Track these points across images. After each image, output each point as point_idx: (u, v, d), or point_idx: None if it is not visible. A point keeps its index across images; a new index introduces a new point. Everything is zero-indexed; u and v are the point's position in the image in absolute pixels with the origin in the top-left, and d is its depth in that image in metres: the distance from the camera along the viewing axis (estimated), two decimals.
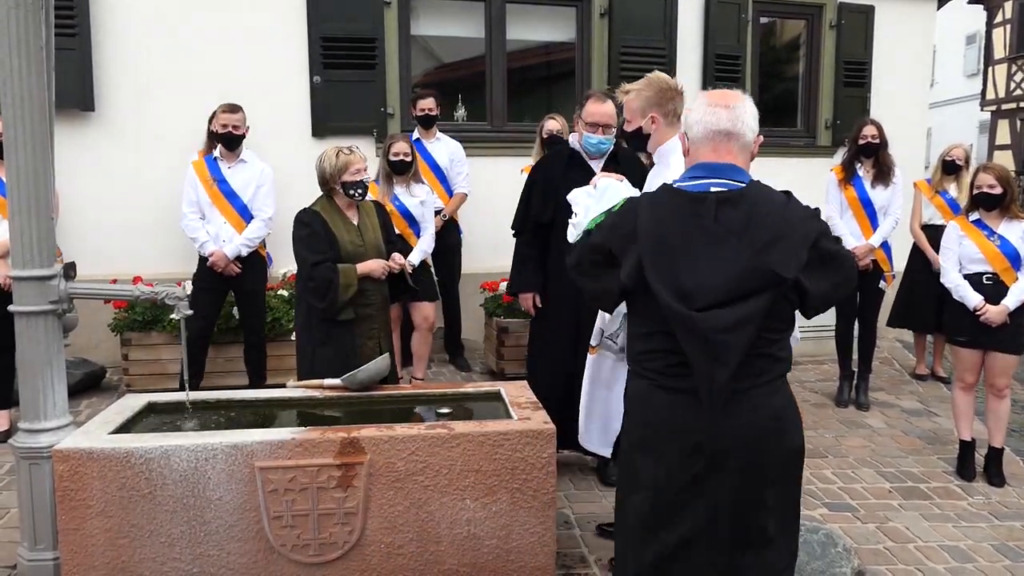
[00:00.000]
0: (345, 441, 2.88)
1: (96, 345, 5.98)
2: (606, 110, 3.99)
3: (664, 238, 2.10)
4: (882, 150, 5.59)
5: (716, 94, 2.25)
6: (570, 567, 3.43)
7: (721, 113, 2.18)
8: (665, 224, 2.12)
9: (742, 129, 2.19)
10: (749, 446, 2.12)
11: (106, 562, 2.84)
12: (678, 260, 2.07)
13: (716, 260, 2.06)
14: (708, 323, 2.02)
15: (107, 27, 6.00)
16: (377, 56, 6.41)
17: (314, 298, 3.78)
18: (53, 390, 3.16)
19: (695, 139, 2.23)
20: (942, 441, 5.11)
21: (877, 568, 3.53)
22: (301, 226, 3.85)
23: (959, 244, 4.49)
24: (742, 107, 2.21)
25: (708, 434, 2.11)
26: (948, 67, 25.02)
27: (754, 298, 2.05)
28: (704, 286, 2.04)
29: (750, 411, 2.12)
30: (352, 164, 3.87)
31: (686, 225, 2.10)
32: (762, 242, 2.06)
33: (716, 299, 2.04)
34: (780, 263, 2.05)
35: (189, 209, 5.16)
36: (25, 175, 3.02)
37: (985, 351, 4.42)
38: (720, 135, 2.18)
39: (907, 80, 7.71)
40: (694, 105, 2.27)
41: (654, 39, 6.92)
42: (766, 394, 2.15)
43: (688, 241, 2.09)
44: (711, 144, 2.19)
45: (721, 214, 2.09)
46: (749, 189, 2.15)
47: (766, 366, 2.14)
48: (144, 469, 2.81)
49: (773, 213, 2.10)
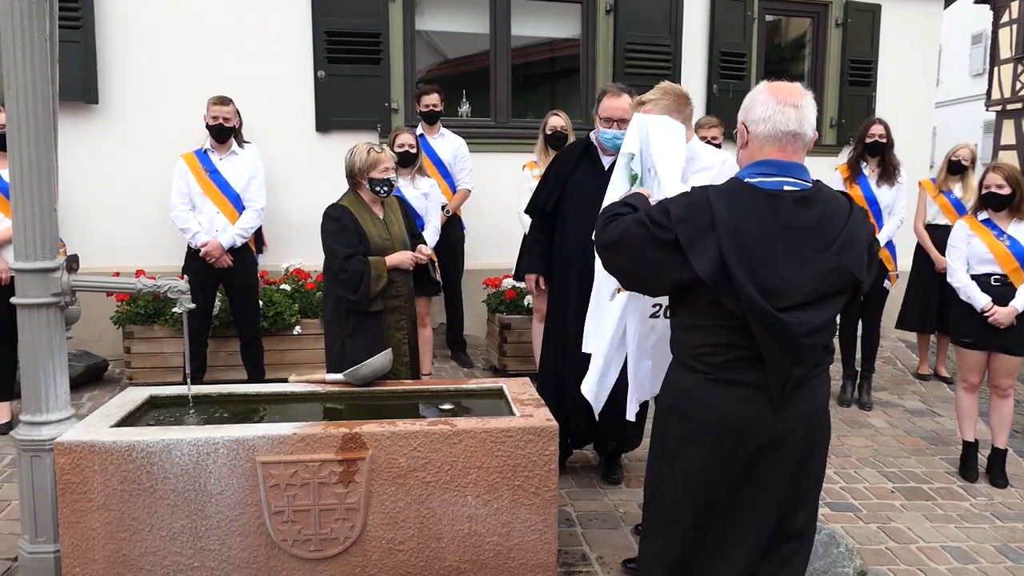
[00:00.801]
0: (347, 436, 2.87)
1: (98, 338, 5.98)
2: (621, 104, 3.96)
3: (744, 234, 2.08)
4: (888, 149, 5.57)
5: (783, 90, 2.22)
6: (571, 565, 3.42)
7: (790, 113, 2.18)
8: (744, 219, 2.10)
9: (807, 129, 2.20)
10: (802, 435, 2.17)
11: (107, 555, 2.84)
12: (758, 257, 2.07)
13: (796, 260, 2.07)
14: (796, 325, 2.05)
15: (111, 20, 5.99)
16: (381, 51, 6.39)
17: (346, 291, 3.85)
18: (55, 383, 3.16)
19: (761, 136, 2.20)
20: (945, 441, 5.10)
21: (879, 568, 3.52)
22: (331, 221, 3.92)
23: (968, 244, 4.46)
24: (809, 106, 2.21)
25: (768, 426, 2.14)
26: (953, 67, 24.96)
27: (834, 299, 2.12)
28: (787, 286, 2.06)
29: (806, 401, 2.17)
30: (381, 162, 3.95)
31: (764, 222, 2.10)
32: (838, 244, 2.10)
33: (799, 299, 2.06)
34: (856, 265, 2.11)
35: (179, 200, 5.15)
36: (28, 168, 3.02)
37: (990, 352, 4.40)
38: (788, 135, 2.18)
39: (913, 79, 7.69)
40: (757, 98, 2.23)
41: (659, 36, 6.90)
42: (818, 384, 2.22)
43: (768, 239, 2.09)
44: (779, 144, 2.18)
45: (798, 214, 2.11)
46: (819, 190, 2.18)
47: (823, 358, 2.21)
48: (145, 463, 2.80)
49: (842, 215, 2.14)
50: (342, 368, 3.63)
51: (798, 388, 2.14)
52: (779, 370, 2.09)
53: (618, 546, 3.59)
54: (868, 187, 5.58)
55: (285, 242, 6.21)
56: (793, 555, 2.26)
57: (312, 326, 5.67)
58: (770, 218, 2.10)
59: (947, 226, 5.77)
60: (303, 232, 6.11)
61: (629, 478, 4.34)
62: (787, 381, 2.10)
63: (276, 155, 6.03)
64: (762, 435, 2.14)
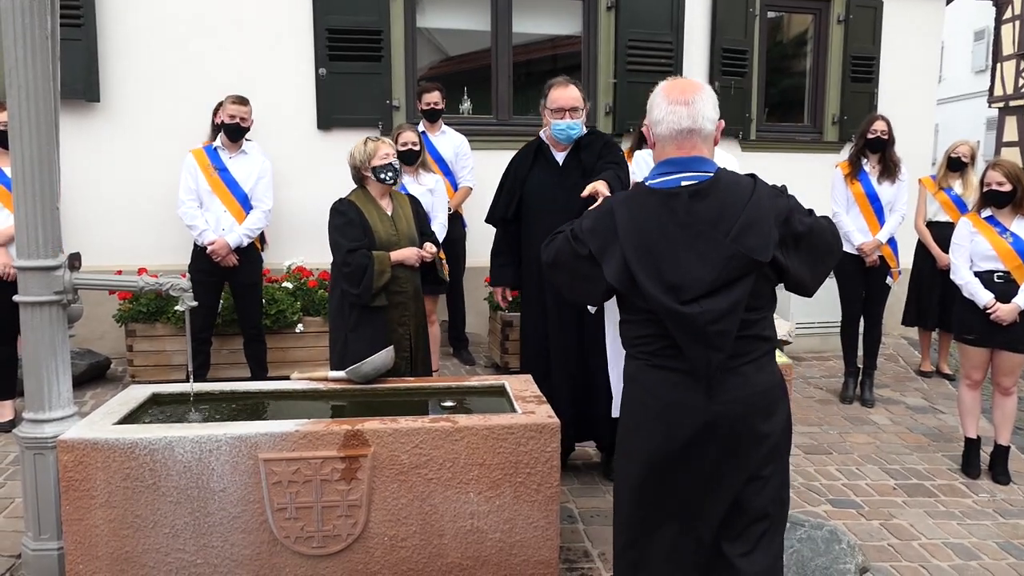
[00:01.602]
0: (349, 434, 2.88)
1: (101, 336, 5.99)
2: (570, 94, 3.92)
3: (644, 236, 2.19)
4: (890, 146, 5.57)
5: (674, 89, 2.28)
6: (573, 561, 3.42)
7: (681, 111, 2.24)
8: (643, 222, 2.20)
9: (703, 124, 2.25)
10: (737, 421, 2.21)
11: (110, 552, 2.85)
12: (660, 256, 2.17)
13: (695, 253, 2.15)
14: (698, 315, 2.13)
15: (113, 18, 5.99)
16: (383, 48, 6.39)
17: (349, 284, 3.84)
18: (58, 380, 3.16)
19: (661, 136, 2.28)
20: (947, 438, 5.09)
21: (881, 565, 3.52)
22: (337, 215, 3.92)
23: (971, 241, 4.45)
24: (701, 100, 2.25)
25: (702, 409, 2.20)
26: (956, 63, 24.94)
27: (737, 285, 2.15)
28: (688, 279, 2.14)
29: (738, 387, 2.21)
30: (380, 149, 3.96)
31: (663, 222, 2.19)
32: (736, 229, 2.15)
33: (702, 290, 2.14)
34: (755, 248, 2.14)
35: (187, 197, 5.14)
36: (30, 165, 3.02)
37: (993, 349, 4.40)
38: (684, 132, 2.24)
39: (915, 76, 7.67)
40: (654, 100, 2.30)
41: (661, 33, 6.89)
42: (755, 370, 2.23)
43: (667, 237, 2.18)
44: (676, 142, 2.25)
45: (694, 207, 2.18)
46: (717, 179, 2.22)
47: (751, 346, 2.23)
48: (148, 460, 2.81)
49: (742, 199, 2.18)
50: (345, 362, 3.64)
51: (728, 375, 2.20)
52: (697, 357, 2.17)
53: None
54: (869, 184, 5.57)
55: (287, 240, 6.21)
56: (764, 535, 2.29)
57: (314, 324, 5.68)
58: (668, 217, 2.19)
59: (948, 223, 5.77)
60: (305, 230, 6.12)
61: None
62: (708, 366, 2.16)
63: (277, 153, 6.03)
64: (696, 417, 2.20)
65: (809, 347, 6.97)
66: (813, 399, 5.83)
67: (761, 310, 2.25)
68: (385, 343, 3.71)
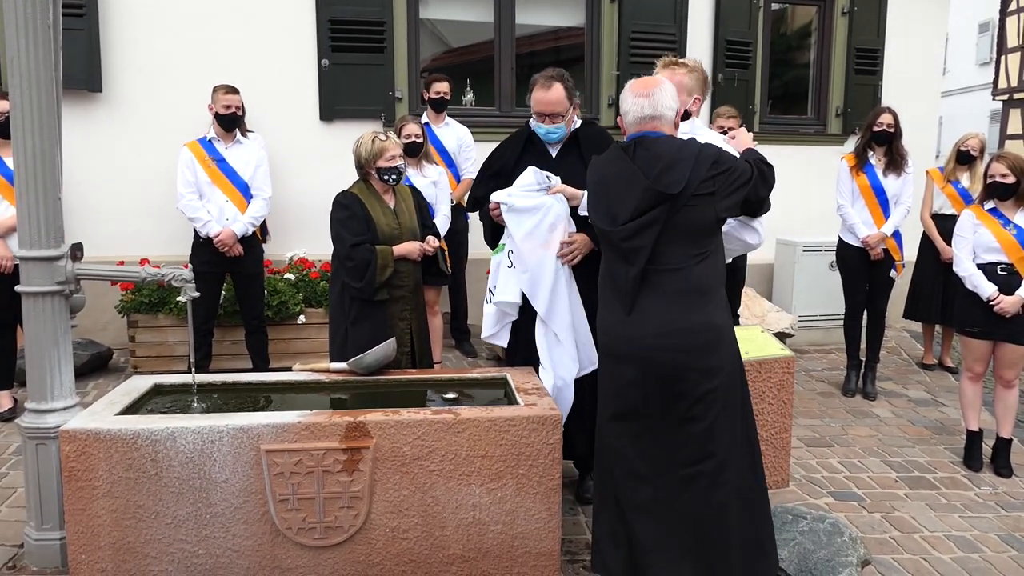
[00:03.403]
0: (351, 425, 2.88)
1: (103, 327, 6.00)
2: (550, 98, 3.57)
3: (601, 177, 2.87)
4: (896, 139, 5.54)
5: (639, 85, 2.84)
6: (575, 553, 3.43)
7: (643, 102, 2.80)
8: (603, 167, 2.88)
9: (663, 111, 2.80)
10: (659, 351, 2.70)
11: (112, 542, 2.85)
12: (607, 193, 2.81)
13: (629, 189, 2.74)
14: (614, 232, 2.74)
15: (115, 8, 5.98)
16: (385, 40, 6.37)
17: (351, 278, 3.83)
18: (60, 371, 3.17)
19: (629, 123, 2.85)
20: (949, 431, 5.09)
21: (883, 557, 3.52)
22: (340, 208, 3.90)
23: (974, 233, 4.44)
24: (660, 93, 2.81)
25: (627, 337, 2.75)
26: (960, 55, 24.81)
27: (650, 212, 2.68)
28: (621, 209, 2.74)
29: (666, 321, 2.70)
30: (387, 150, 3.92)
31: (617, 167, 2.81)
32: (657, 169, 2.70)
33: (627, 217, 2.71)
34: (669, 184, 2.67)
35: (187, 190, 5.13)
36: (32, 156, 3.02)
37: (996, 342, 4.39)
38: (647, 118, 2.81)
39: (919, 68, 7.64)
40: (624, 96, 2.85)
41: (664, 25, 6.87)
42: (673, 305, 2.71)
43: (615, 178, 2.80)
44: (638, 125, 2.82)
45: (636, 156, 2.76)
46: (660, 138, 2.78)
47: (673, 281, 2.72)
48: (150, 451, 2.81)
49: (671, 149, 2.73)
50: (344, 355, 3.63)
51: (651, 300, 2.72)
52: (618, 272, 2.77)
53: None
54: (875, 176, 5.55)
55: (289, 231, 6.21)
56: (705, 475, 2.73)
57: (316, 315, 5.68)
58: (618, 164, 2.80)
59: (954, 216, 5.73)
60: (307, 221, 6.12)
61: None
62: (626, 280, 2.73)
63: (280, 144, 6.02)
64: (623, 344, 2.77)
65: (811, 340, 6.96)
66: (815, 392, 5.83)
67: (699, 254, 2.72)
68: (386, 337, 3.71)
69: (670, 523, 2.74)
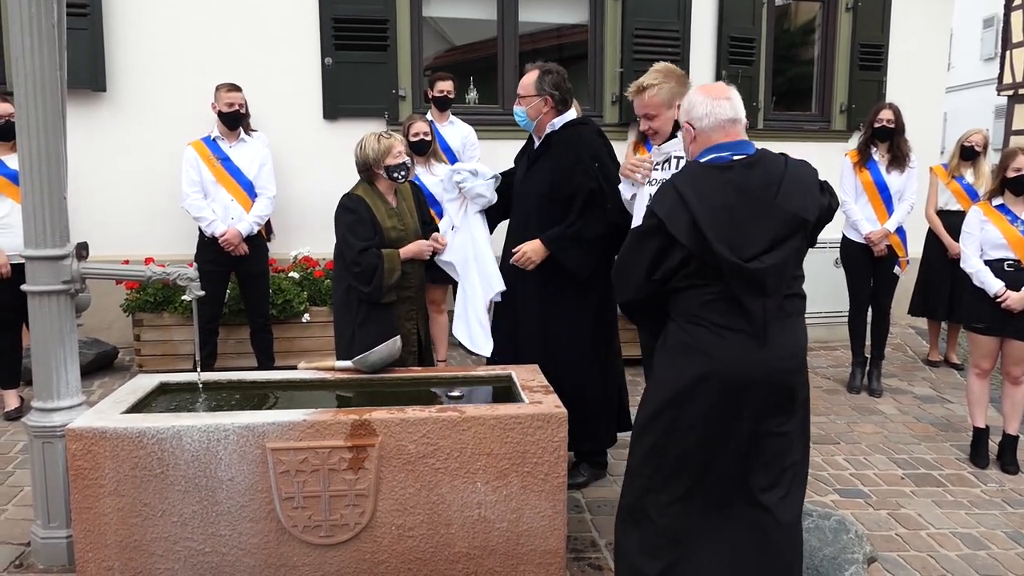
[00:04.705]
0: (356, 423, 2.88)
1: (108, 326, 6.01)
2: (522, 80, 3.87)
3: (708, 202, 2.51)
4: (898, 135, 5.53)
5: (714, 89, 2.70)
6: (580, 551, 3.43)
7: (725, 104, 2.65)
8: (706, 191, 2.53)
9: (741, 115, 2.68)
10: (785, 374, 2.59)
11: (118, 540, 2.86)
12: (722, 219, 2.49)
13: (750, 215, 2.50)
14: (758, 271, 2.47)
15: (119, 7, 5.98)
16: (389, 38, 6.37)
17: (360, 283, 3.81)
18: (66, 370, 3.18)
19: (706, 129, 2.65)
20: (955, 428, 5.08)
21: (889, 554, 3.52)
22: (347, 212, 3.87)
23: (981, 229, 4.43)
24: (736, 97, 2.69)
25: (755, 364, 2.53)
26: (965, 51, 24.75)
27: (789, 241, 2.52)
28: (748, 238, 2.48)
29: (790, 343, 2.61)
30: (393, 147, 3.90)
31: (722, 191, 2.53)
32: (780, 192, 2.52)
33: (760, 248, 2.48)
34: (803, 208, 2.53)
35: (191, 189, 5.14)
36: (38, 155, 3.02)
37: (1003, 338, 4.38)
38: (728, 122, 2.64)
39: (924, 64, 7.61)
40: (695, 100, 2.69)
41: (668, 22, 6.85)
42: (793, 327, 2.63)
43: (726, 203, 2.51)
44: (723, 130, 2.64)
45: (747, 176, 2.55)
46: (760, 154, 2.63)
47: (795, 305, 2.64)
48: (156, 449, 2.82)
49: (780, 168, 2.58)
50: (351, 356, 3.63)
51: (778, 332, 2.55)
52: (755, 309, 2.51)
53: None
54: (878, 172, 5.54)
55: (293, 230, 6.21)
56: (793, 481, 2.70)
57: (320, 314, 5.68)
58: (726, 186, 2.54)
59: (959, 212, 5.73)
60: (311, 220, 6.12)
61: None
62: (764, 315, 2.52)
63: (283, 143, 6.02)
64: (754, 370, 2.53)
65: (816, 336, 6.95)
66: (820, 389, 5.82)
67: (800, 270, 2.65)
68: (393, 337, 3.72)
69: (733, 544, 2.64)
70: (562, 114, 3.86)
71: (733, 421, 2.56)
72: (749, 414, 2.56)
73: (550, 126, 3.84)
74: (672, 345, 2.66)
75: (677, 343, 2.64)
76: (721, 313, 2.54)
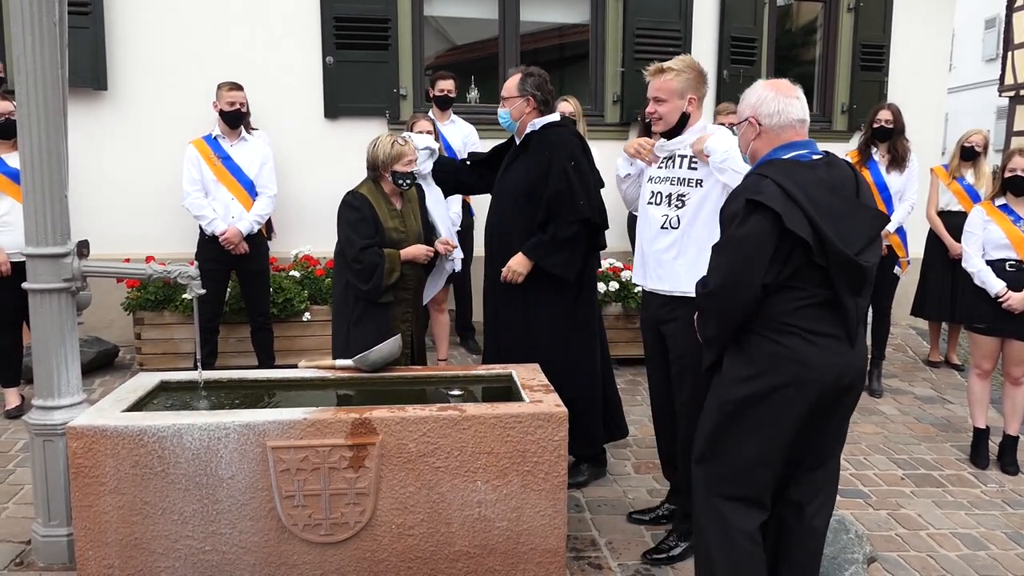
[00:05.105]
0: (357, 422, 2.88)
1: (109, 324, 6.01)
2: (506, 83, 3.92)
3: (813, 197, 2.42)
4: (897, 135, 5.52)
5: (781, 87, 2.63)
6: (581, 550, 3.43)
7: (796, 104, 2.61)
8: (807, 187, 2.44)
9: (807, 116, 2.65)
10: (864, 375, 2.64)
11: (119, 538, 2.86)
12: (826, 214, 2.41)
13: (846, 212, 2.45)
14: (867, 267, 2.45)
15: (120, 5, 5.99)
16: (390, 37, 6.37)
17: (359, 280, 3.83)
18: (67, 368, 3.18)
19: (776, 126, 2.59)
20: (955, 428, 5.08)
21: (889, 554, 3.52)
22: (351, 210, 3.89)
23: (983, 229, 4.44)
24: (803, 96, 2.66)
25: (848, 367, 2.50)
26: (966, 51, 24.73)
27: (877, 239, 2.53)
28: (852, 235, 2.43)
29: (864, 344, 2.61)
30: (405, 155, 3.91)
31: (819, 188, 2.46)
32: (863, 194, 2.55)
33: (862, 244, 2.45)
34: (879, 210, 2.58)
35: (192, 188, 5.14)
36: (39, 153, 3.03)
37: (1004, 338, 4.38)
38: (799, 122, 2.61)
39: (925, 64, 7.61)
40: (764, 96, 2.61)
41: (669, 21, 6.85)
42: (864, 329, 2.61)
43: (827, 200, 2.44)
44: (793, 129, 2.60)
45: (831, 175, 2.52)
46: (830, 156, 2.61)
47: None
48: (157, 447, 2.82)
49: (850, 169, 2.61)
50: (346, 354, 3.64)
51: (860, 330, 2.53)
52: (850, 308, 2.46)
53: (627, 532, 3.60)
54: (878, 173, 5.53)
55: (294, 228, 6.21)
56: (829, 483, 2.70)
57: (321, 312, 5.68)
58: (820, 183, 2.47)
59: (960, 212, 5.73)
60: (312, 218, 6.12)
61: (639, 464, 4.35)
62: (858, 314, 2.49)
63: (285, 142, 6.02)
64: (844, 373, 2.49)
65: None
66: None
67: None
68: (388, 337, 3.72)
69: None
70: (544, 115, 3.91)
71: (824, 425, 2.56)
72: (838, 418, 2.59)
73: (530, 126, 3.89)
74: (757, 357, 2.51)
75: (763, 354, 2.50)
76: (811, 318, 2.45)
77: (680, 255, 3.30)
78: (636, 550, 3.44)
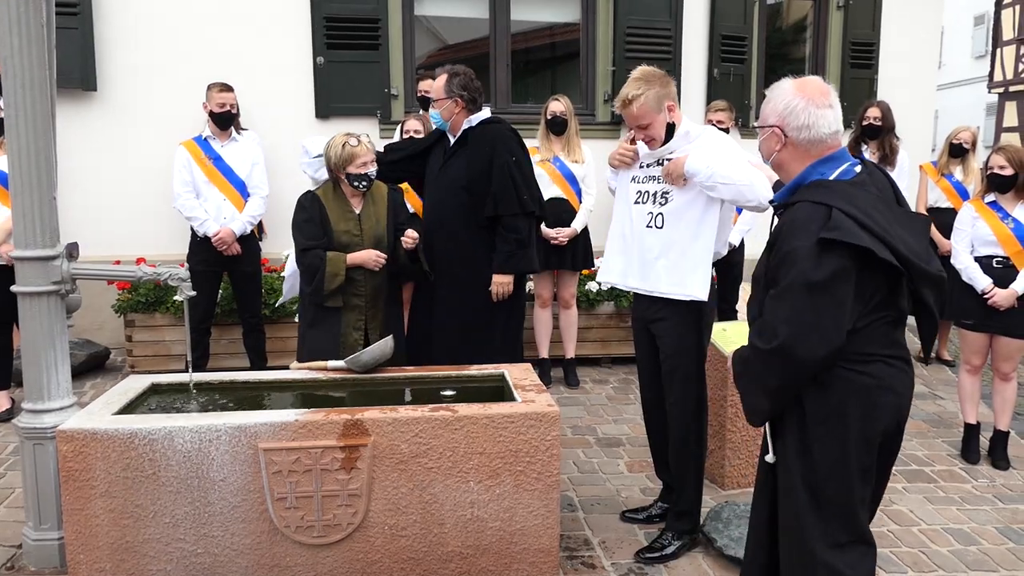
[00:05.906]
0: (349, 423, 2.88)
1: (100, 326, 5.98)
2: (434, 85, 4.10)
3: (879, 221, 2.20)
4: (885, 133, 5.54)
5: (814, 93, 2.35)
6: (574, 549, 3.43)
7: (828, 114, 2.34)
8: (869, 211, 2.21)
9: (841, 125, 2.42)
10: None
11: (110, 542, 2.85)
12: (898, 235, 2.23)
13: (901, 224, 2.27)
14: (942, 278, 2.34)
15: (109, 6, 5.96)
16: (381, 37, 6.36)
17: (303, 282, 3.85)
18: (57, 371, 3.17)
19: (806, 140, 2.34)
20: (947, 424, 5.10)
21: (881, 550, 3.51)
22: (299, 210, 3.87)
23: (972, 226, 4.46)
24: (837, 102, 2.39)
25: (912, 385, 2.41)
26: (956, 48, 24.84)
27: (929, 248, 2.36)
28: (917, 248, 2.27)
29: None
30: (357, 156, 3.77)
31: (876, 206, 2.24)
32: (903, 202, 2.40)
33: (929, 253, 2.30)
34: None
35: (183, 189, 5.13)
36: (27, 155, 3.01)
37: (992, 335, 4.40)
38: (832, 135, 2.36)
39: (915, 62, 7.63)
40: (794, 105, 2.33)
41: (660, 20, 6.85)
42: None
43: (888, 218, 2.24)
44: (825, 144, 2.35)
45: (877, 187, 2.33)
46: (864, 162, 2.42)
47: None
48: (148, 450, 2.81)
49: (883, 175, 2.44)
50: (305, 356, 3.63)
51: None
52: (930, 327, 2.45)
53: (620, 531, 3.60)
54: None
55: (285, 229, 6.06)
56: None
57: None
58: (876, 200, 2.26)
59: (950, 209, 5.74)
60: None
61: (631, 463, 4.35)
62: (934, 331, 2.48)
63: (275, 142, 6.00)
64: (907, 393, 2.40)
65: None
66: None
67: None
68: (339, 344, 3.73)
69: None
70: (474, 113, 4.06)
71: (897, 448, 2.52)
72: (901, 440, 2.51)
73: (467, 123, 4.04)
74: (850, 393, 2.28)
75: (858, 388, 2.27)
76: (884, 342, 2.30)
77: (662, 255, 3.31)
78: (629, 549, 3.44)
